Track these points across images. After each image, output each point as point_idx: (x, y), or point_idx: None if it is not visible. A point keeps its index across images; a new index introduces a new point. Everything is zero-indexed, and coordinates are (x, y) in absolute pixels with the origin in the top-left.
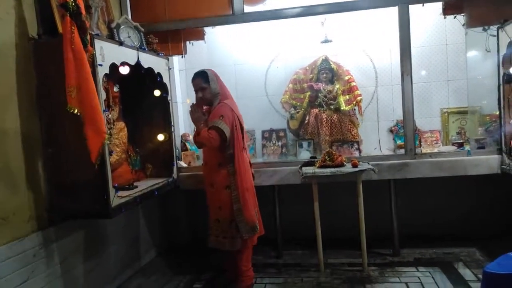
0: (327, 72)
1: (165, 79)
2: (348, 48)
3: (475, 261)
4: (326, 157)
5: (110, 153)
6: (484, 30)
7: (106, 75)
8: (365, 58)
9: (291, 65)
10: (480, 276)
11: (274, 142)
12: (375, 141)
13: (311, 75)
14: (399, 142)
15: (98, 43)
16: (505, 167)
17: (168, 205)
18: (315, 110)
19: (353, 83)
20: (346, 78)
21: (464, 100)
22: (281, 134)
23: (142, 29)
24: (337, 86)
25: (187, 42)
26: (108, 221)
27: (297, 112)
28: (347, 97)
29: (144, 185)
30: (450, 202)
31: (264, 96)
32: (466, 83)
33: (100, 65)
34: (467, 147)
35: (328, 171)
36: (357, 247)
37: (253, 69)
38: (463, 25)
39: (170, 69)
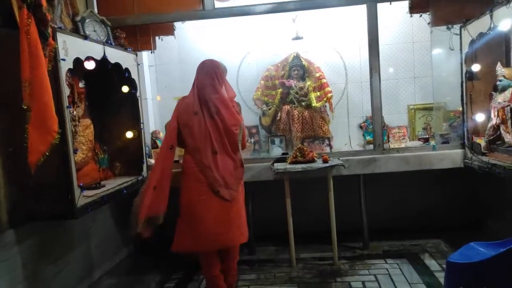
0: (299, 69)
1: (134, 75)
2: (319, 45)
3: (440, 252)
4: (298, 153)
5: (75, 151)
6: (448, 29)
7: (70, 70)
8: (336, 55)
9: (263, 61)
10: (445, 266)
11: (247, 139)
12: (345, 137)
13: (282, 72)
14: (368, 137)
15: (60, 37)
16: (468, 161)
17: None
18: (286, 107)
19: (324, 80)
20: (317, 75)
21: (429, 97)
22: (254, 131)
23: (109, 23)
24: (308, 83)
25: (157, 37)
26: (75, 221)
27: (269, 109)
28: (318, 93)
29: (112, 184)
30: (416, 196)
31: (236, 93)
32: (431, 80)
33: (63, 59)
34: (432, 142)
35: (299, 167)
36: (328, 241)
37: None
38: (429, 23)
39: (139, 64)
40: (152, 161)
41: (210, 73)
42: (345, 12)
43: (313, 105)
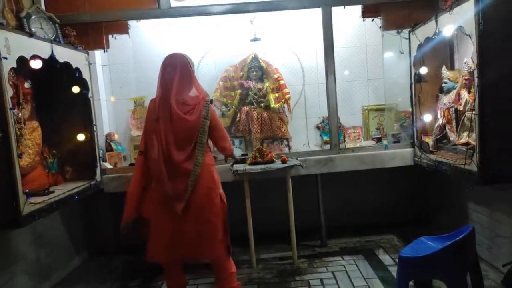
0: (257, 70)
1: (85, 75)
2: (277, 47)
3: (393, 247)
4: (257, 154)
5: (20, 155)
6: (398, 33)
7: (14, 69)
8: (293, 57)
9: (221, 62)
10: (397, 260)
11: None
12: (303, 138)
13: (241, 73)
14: (325, 138)
15: (1, 34)
16: (417, 159)
17: (92, 209)
18: (246, 108)
19: (282, 81)
20: (275, 76)
21: (382, 98)
22: None
23: (58, 20)
24: (267, 84)
25: (110, 36)
26: (22, 230)
27: (228, 110)
28: (277, 95)
29: (62, 189)
30: (371, 193)
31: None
32: (383, 82)
33: (5, 58)
34: (384, 142)
35: (258, 167)
36: (288, 241)
37: None
38: (380, 28)
39: (90, 64)
40: (107, 164)
41: (175, 71)
42: (302, 15)
43: (272, 106)
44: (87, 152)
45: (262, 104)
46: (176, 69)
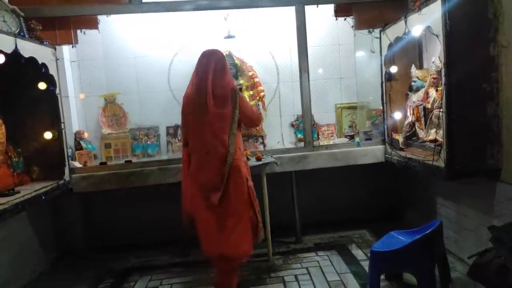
0: (231, 67)
1: (52, 71)
2: (251, 45)
3: (365, 242)
4: None
5: None
6: (370, 32)
7: None
8: (267, 55)
9: (195, 59)
10: (369, 254)
11: (179, 138)
12: (278, 135)
13: None
14: (299, 135)
15: None
16: (388, 156)
17: (61, 210)
18: None
19: (256, 79)
20: (250, 73)
21: (354, 96)
22: None
23: (22, 14)
24: (241, 81)
25: (78, 31)
26: None
27: None
28: (251, 92)
29: (29, 189)
30: (344, 190)
31: (168, 91)
32: (355, 80)
33: None
34: (357, 139)
35: None
36: (264, 238)
37: (155, 63)
38: (352, 27)
39: (58, 59)
40: (76, 164)
41: (209, 64)
42: (276, 13)
43: None
44: (55, 151)
45: None
46: (211, 63)
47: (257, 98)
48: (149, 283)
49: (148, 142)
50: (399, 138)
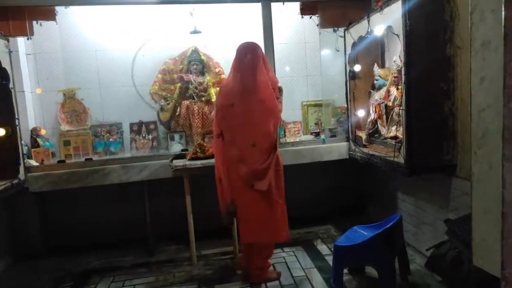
0: (197, 63)
1: (5, 63)
2: (218, 41)
3: (330, 237)
4: (197, 149)
5: None
6: (334, 31)
7: None
8: (234, 52)
9: (160, 54)
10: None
11: (144, 135)
12: None
13: (181, 66)
14: None
15: None
16: (352, 152)
17: (17, 210)
18: (186, 102)
19: (223, 76)
20: (216, 70)
21: (320, 94)
22: (152, 126)
23: None
24: (208, 78)
25: (34, 22)
26: None
27: (168, 104)
28: (218, 89)
29: None
30: (310, 186)
31: (131, 87)
32: (321, 78)
33: None
34: (322, 136)
35: (199, 163)
36: (230, 236)
37: (118, 57)
38: (318, 25)
39: (11, 52)
40: (32, 162)
41: (253, 57)
42: (243, 9)
43: (213, 100)
44: (9, 149)
45: (203, 98)
46: (258, 57)
47: None
48: (110, 285)
49: (111, 139)
50: (362, 135)
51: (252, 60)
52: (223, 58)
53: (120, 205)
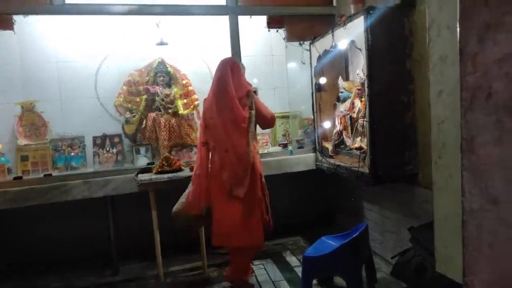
0: (164, 75)
1: None
2: (185, 53)
3: (299, 248)
4: (164, 162)
5: None
6: (300, 44)
7: None
8: (202, 64)
9: (125, 66)
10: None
11: (108, 149)
12: None
13: (147, 78)
14: None
15: None
16: (319, 163)
17: None
18: (152, 114)
19: (190, 87)
20: (184, 82)
21: (287, 106)
22: (116, 140)
23: None
24: (175, 89)
25: None
26: None
27: (133, 116)
28: (185, 101)
29: None
30: (278, 198)
31: (95, 98)
32: (288, 90)
33: None
34: (290, 148)
35: (165, 176)
36: (198, 251)
37: (80, 68)
38: (284, 39)
39: None
40: None
41: (223, 73)
42: (210, 21)
43: (180, 112)
44: None
45: (170, 111)
46: (227, 70)
47: (192, 106)
48: None
49: (72, 154)
50: (329, 146)
51: (223, 79)
52: (191, 70)
53: (83, 222)
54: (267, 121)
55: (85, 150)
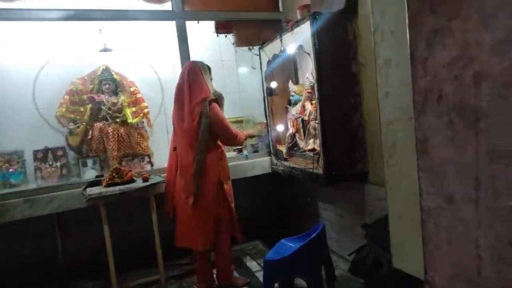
0: (110, 82)
1: None
2: (132, 59)
3: (259, 252)
4: (114, 174)
5: None
6: (250, 49)
7: None
8: (150, 70)
9: (66, 74)
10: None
11: (51, 163)
12: (166, 153)
13: (91, 86)
14: None
15: None
16: (274, 166)
17: None
18: (99, 124)
19: (139, 95)
20: (131, 89)
21: (240, 111)
22: (60, 153)
23: None
24: (122, 97)
25: None
26: None
27: (78, 127)
28: (134, 109)
29: None
30: (236, 203)
31: (34, 110)
32: (239, 95)
33: None
34: (245, 152)
35: (117, 189)
36: (155, 264)
37: (16, 77)
38: (233, 44)
39: None
40: None
41: (183, 77)
42: (157, 27)
43: (129, 121)
44: None
45: (118, 120)
46: (184, 76)
47: (141, 115)
48: None
49: (10, 170)
50: (283, 149)
51: (179, 87)
52: (139, 77)
53: (28, 243)
54: (226, 136)
55: (25, 166)
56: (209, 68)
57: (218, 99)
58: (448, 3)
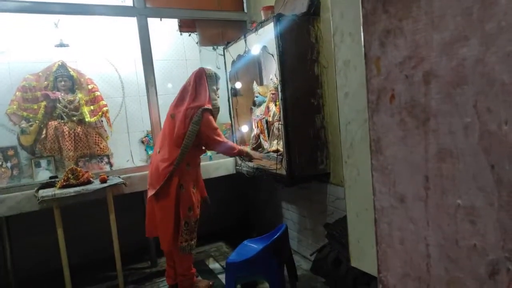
0: (66, 79)
1: None
2: (90, 55)
3: (222, 254)
4: (70, 175)
5: None
6: (214, 49)
7: None
8: (110, 67)
9: (18, 69)
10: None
11: (1, 163)
12: (127, 153)
13: (45, 82)
14: (150, 152)
15: None
16: (238, 167)
17: None
18: (54, 123)
19: (98, 93)
20: (89, 87)
21: None
22: (10, 152)
23: None
24: (79, 95)
25: None
26: None
27: (30, 126)
28: (92, 107)
29: None
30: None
31: None
32: None
33: None
34: (209, 153)
35: (72, 191)
36: (113, 268)
37: None
38: (197, 43)
39: None
40: None
41: (190, 78)
42: (117, 23)
43: (87, 120)
44: None
45: (74, 118)
46: (191, 78)
47: (100, 113)
48: None
49: None
50: (248, 149)
51: (185, 89)
52: (97, 74)
53: None
54: (218, 150)
55: None
56: (216, 77)
57: (212, 110)
58: (399, 3)
